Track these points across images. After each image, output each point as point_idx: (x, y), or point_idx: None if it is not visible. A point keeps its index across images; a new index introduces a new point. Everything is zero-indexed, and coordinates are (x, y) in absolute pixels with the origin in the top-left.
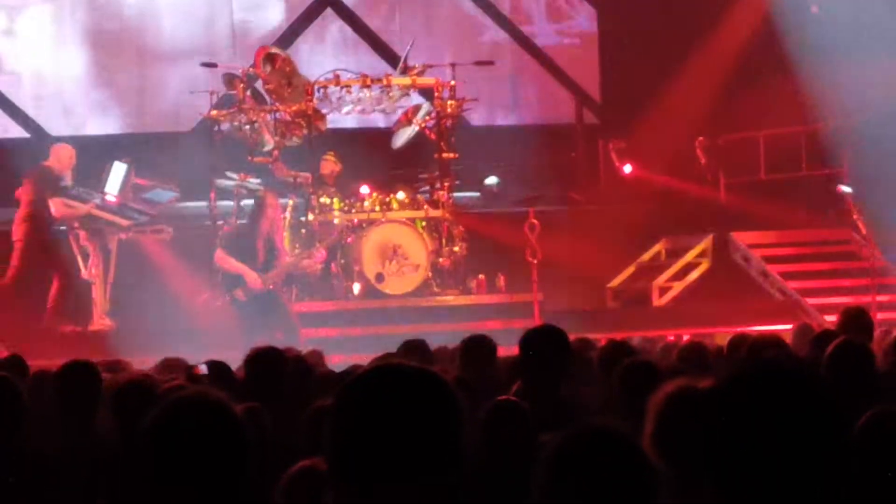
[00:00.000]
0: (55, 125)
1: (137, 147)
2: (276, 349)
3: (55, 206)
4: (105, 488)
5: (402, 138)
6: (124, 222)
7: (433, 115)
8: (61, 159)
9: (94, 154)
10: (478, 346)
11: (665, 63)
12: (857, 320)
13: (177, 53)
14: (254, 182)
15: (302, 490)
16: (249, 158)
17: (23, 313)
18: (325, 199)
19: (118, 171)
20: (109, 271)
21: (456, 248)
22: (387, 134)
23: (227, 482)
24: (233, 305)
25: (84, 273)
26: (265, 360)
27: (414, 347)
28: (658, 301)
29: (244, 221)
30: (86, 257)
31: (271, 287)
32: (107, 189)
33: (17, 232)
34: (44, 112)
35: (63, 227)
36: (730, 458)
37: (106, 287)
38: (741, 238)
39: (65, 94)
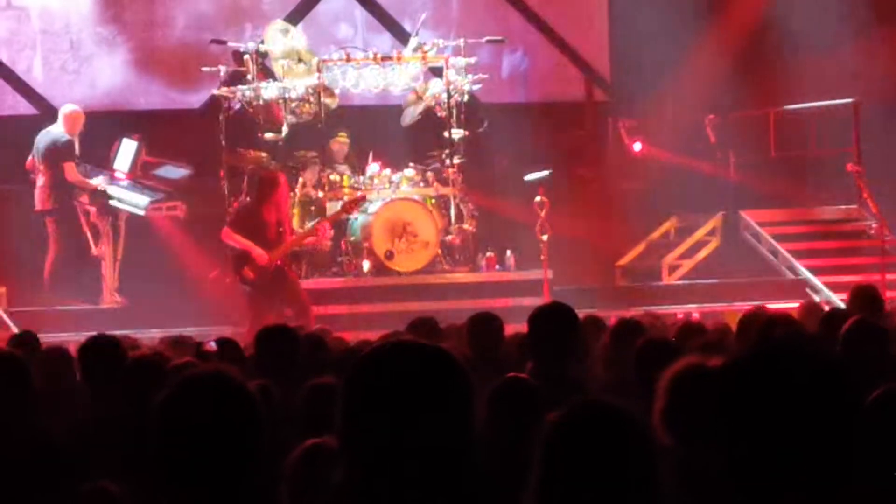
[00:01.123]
0: (63, 96)
1: (146, 123)
2: (286, 326)
3: (68, 170)
4: (116, 465)
5: (411, 115)
6: (142, 201)
7: (443, 92)
8: (69, 123)
9: (102, 131)
10: (484, 324)
11: (675, 40)
12: (867, 299)
13: (185, 30)
14: (264, 159)
15: (310, 468)
16: (259, 135)
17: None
18: (334, 177)
19: (128, 148)
20: (119, 248)
21: (465, 226)
22: (396, 111)
23: (240, 459)
24: (241, 283)
25: (94, 250)
26: (276, 337)
27: (423, 325)
28: (668, 279)
29: (251, 198)
30: (95, 234)
31: (279, 263)
32: (116, 166)
33: (45, 203)
34: (52, 73)
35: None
36: (740, 436)
37: (115, 264)
38: (751, 216)
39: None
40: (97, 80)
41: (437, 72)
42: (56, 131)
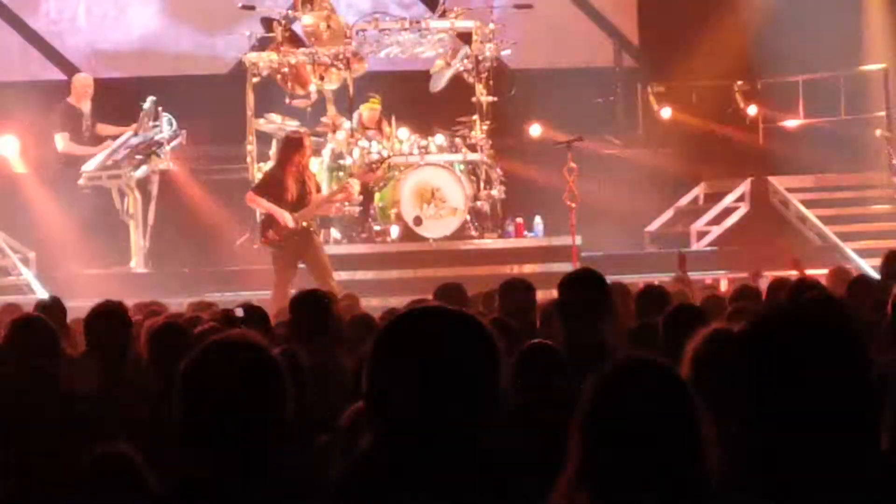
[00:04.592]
0: (87, 63)
1: (171, 88)
2: (320, 291)
3: (60, 141)
4: (139, 430)
5: (440, 81)
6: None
7: (471, 58)
8: (77, 90)
9: (128, 95)
10: (516, 289)
11: (704, 5)
12: None
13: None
14: (293, 125)
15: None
16: (287, 101)
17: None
18: (363, 142)
19: (150, 106)
20: (150, 213)
21: (494, 192)
22: (425, 77)
23: (263, 424)
24: (266, 245)
25: (123, 215)
26: (310, 302)
27: (450, 291)
28: (696, 245)
29: (275, 161)
30: (123, 198)
31: (304, 226)
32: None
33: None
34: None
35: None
36: (758, 400)
37: (146, 229)
38: (780, 182)
39: None
40: (133, 27)
41: (464, 37)
42: (63, 101)
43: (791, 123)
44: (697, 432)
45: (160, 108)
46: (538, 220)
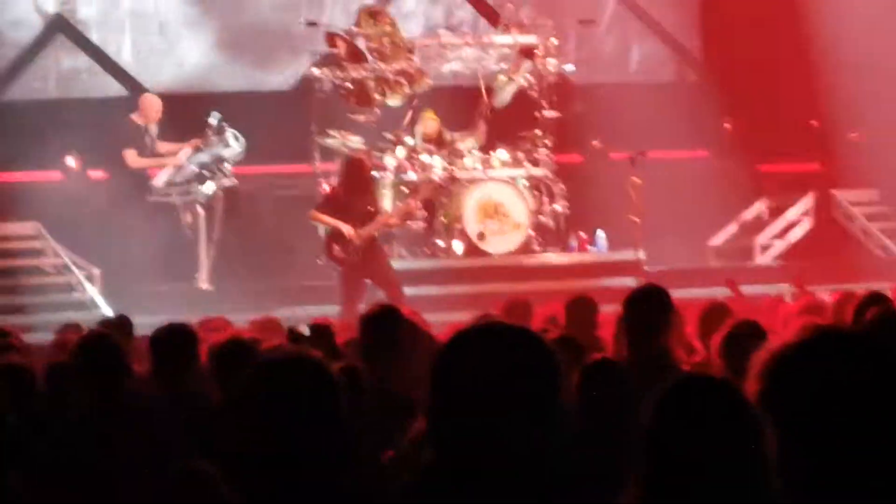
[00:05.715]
0: (152, 78)
1: (234, 104)
2: (389, 307)
3: (128, 157)
4: (202, 446)
5: (503, 96)
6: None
7: (534, 73)
8: (146, 111)
9: (190, 112)
10: (579, 305)
11: (766, 18)
12: None
13: (277, 10)
14: (355, 140)
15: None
16: (350, 117)
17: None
18: (425, 157)
19: (216, 122)
20: (215, 229)
21: (557, 207)
22: (488, 92)
23: (320, 441)
24: (332, 262)
25: (187, 231)
26: (379, 318)
27: (516, 307)
28: (760, 259)
29: (338, 182)
30: (189, 214)
31: (368, 243)
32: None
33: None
34: (141, 55)
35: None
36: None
37: (210, 245)
38: (843, 195)
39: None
40: (185, 60)
41: (527, 52)
42: (128, 119)
43: (855, 136)
44: (762, 450)
45: (225, 124)
46: (601, 234)
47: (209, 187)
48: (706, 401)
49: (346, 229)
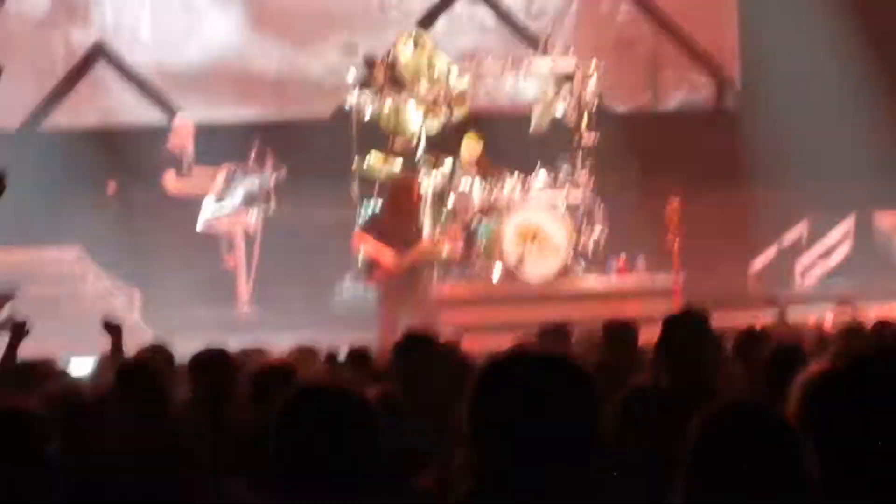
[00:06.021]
0: (188, 105)
1: (274, 131)
2: (426, 333)
3: (168, 181)
4: (239, 472)
5: (541, 120)
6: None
7: (572, 98)
8: (179, 134)
9: (229, 137)
10: (618, 330)
11: (807, 45)
12: None
13: (315, 38)
14: (395, 165)
15: None
16: (390, 143)
17: None
18: (466, 179)
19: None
20: (255, 253)
21: (596, 231)
22: (527, 116)
23: (356, 469)
24: (370, 289)
25: (227, 255)
26: (415, 343)
27: (554, 332)
28: (801, 283)
29: (383, 205)
30: (228, 238)
31: (408, 269)
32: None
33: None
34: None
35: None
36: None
37: (250, 272)
38: (885, 217)
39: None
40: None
41: (566, 77)
42: (163, 147)
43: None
44: (804, 475)
45: (267, 150)
46: (640, 258)
47: (253, 213)
48: (749, 428)
49: (389, 258)
